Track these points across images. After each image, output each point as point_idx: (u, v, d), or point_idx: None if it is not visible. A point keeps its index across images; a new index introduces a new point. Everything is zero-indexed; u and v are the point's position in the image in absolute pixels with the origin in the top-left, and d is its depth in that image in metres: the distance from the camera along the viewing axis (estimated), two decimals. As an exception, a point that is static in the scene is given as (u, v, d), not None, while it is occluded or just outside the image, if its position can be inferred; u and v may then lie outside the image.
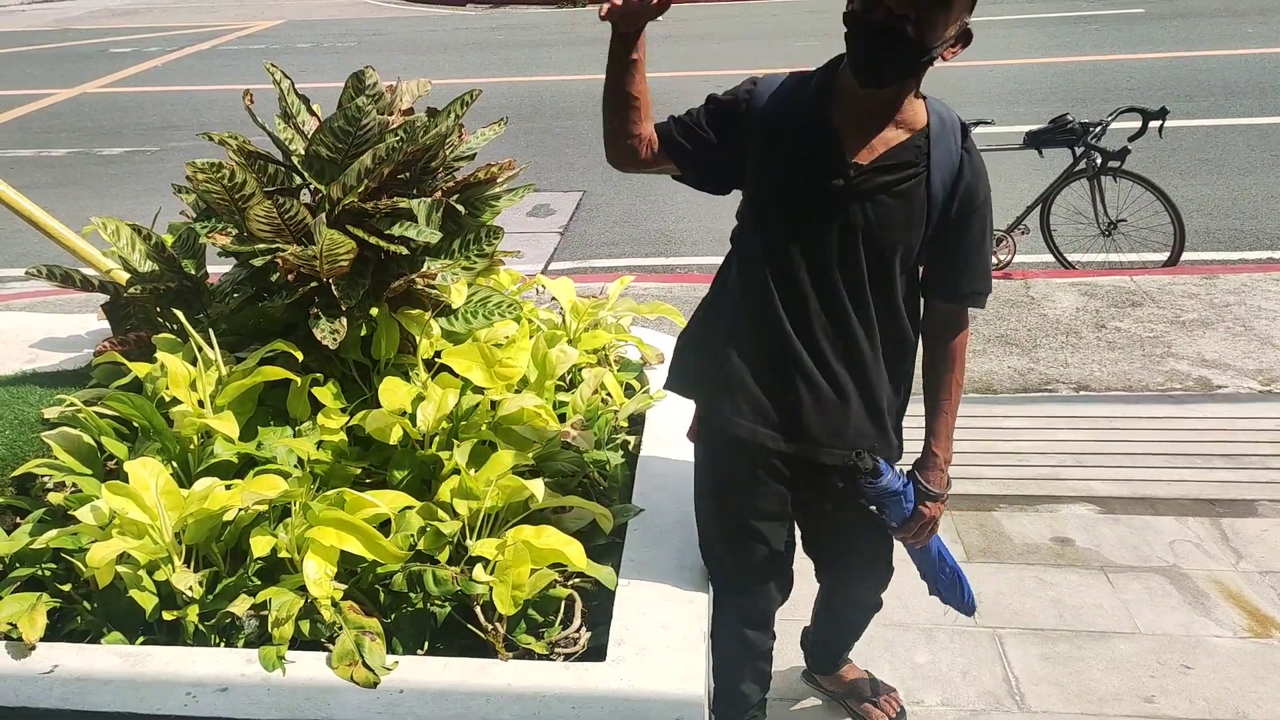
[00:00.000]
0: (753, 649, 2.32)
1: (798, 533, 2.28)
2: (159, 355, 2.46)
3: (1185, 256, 5.61)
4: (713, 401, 2.11)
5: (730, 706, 2.41)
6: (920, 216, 1.91)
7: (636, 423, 2.84)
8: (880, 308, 1.99)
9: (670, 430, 2.75)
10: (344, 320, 2.48)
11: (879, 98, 1.85)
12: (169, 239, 2.86)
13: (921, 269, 2.04)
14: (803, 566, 2.48)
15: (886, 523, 2.13)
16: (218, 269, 2.72)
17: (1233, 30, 12.70)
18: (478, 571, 2.07)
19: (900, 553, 2.30)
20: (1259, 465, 3.67)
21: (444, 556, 2.15)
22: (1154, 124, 5.36)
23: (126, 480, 2.09)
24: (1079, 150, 5.51)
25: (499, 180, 2.81)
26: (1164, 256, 5.63)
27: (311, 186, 2.62)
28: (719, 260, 2.17)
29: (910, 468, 2.13)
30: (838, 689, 2.68)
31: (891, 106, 1.87)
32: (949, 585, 2.29)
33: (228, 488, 2.15)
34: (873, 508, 2.10)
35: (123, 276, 2.91)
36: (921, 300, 2.08)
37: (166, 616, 2.03)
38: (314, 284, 2.47)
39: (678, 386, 2.23)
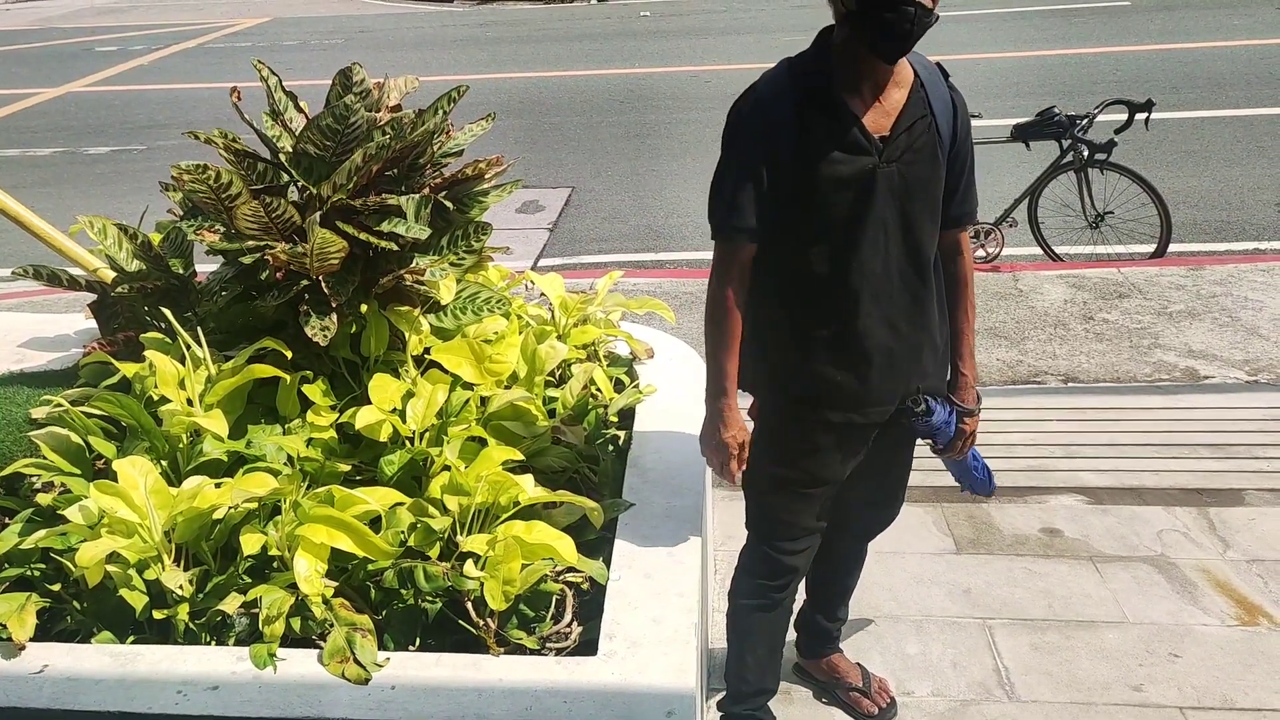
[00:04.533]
0: (772, 617, 2.41)
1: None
2: (147, 354, 2.46)
3: (1172, 248, 5.63)
4: (794, 396, 2.15)
5: (735, 687, 2.49)
6: (940, 160, 2.01)
7: (626, 417, 2.85)
8: (930, 255, 2.08)
9: (660, 425, 2.75)
10: (334, 317, 2.47)
11: (885, 66, 1.92)
12: (156, 238, 2.85)
13: None
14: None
15: (934, 445, 2.28)
16: (206, 268, 2.71)
17: (1219, 22, 12.75)
18: (468, 567, 2.07)
19: (895, 541, 2.32)
20: (1246, 455, 3.69)
21: (435, 552, 2.16)
22: (1140, 116, 5.37)
23: (115, 479, 2.09)
24: (1066, 143, 5.52)
25: (487, 176, 2.81)
26: (1151, 248, 5.65)
27: (299, 184, 2.61)
28: (707, 255, 2.18)
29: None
30: (829, 679, 2.69)
31: (891, 70, 1.94)
32: (980, 483, 2.44)
33: (217, 486, 2.14)
34: (925, 441, 2.27)
35: (110, 275, 2.90)
36: None
37: (157, 615, 2.03)
38: (304, 281, 2.47)
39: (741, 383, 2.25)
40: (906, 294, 2.07)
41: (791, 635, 2.69)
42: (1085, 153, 5.49)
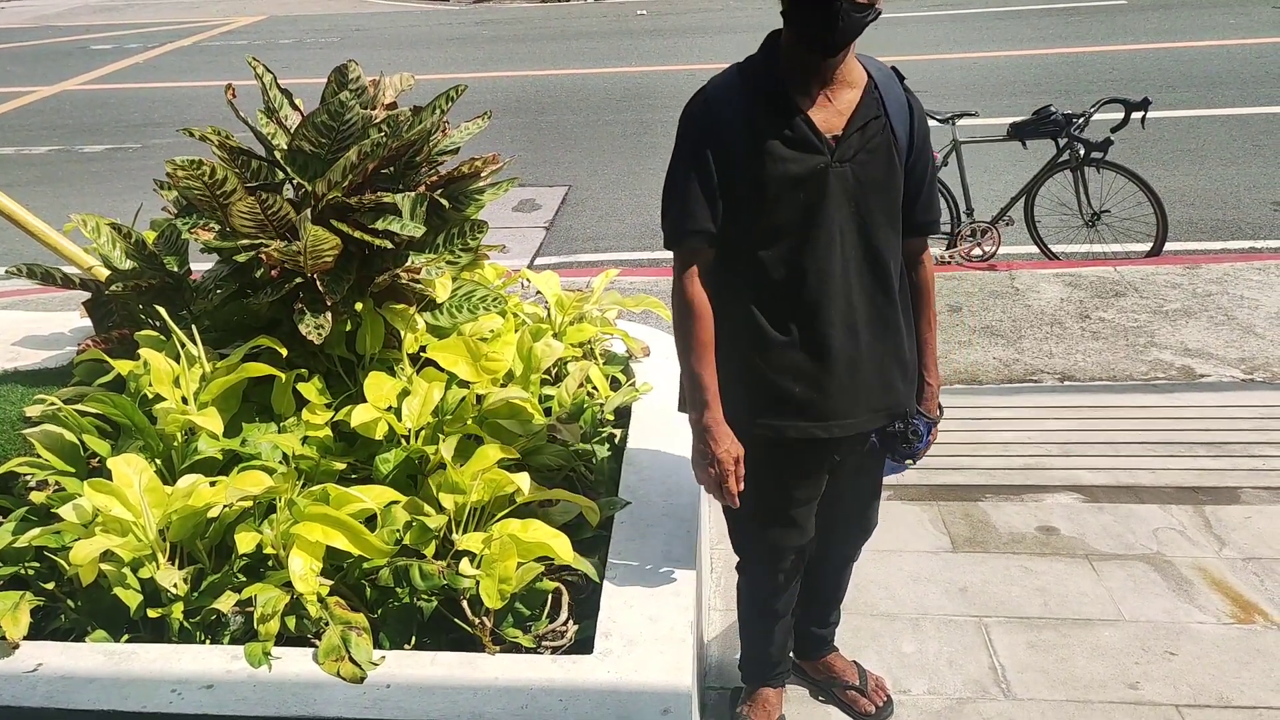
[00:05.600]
0: (777, 614, 2.43)
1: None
2: (142, 352, 2.45)
3: (1168, 246, 5.64)
4: (754, 408, 2.09)
5: (758, 664, 2.55)
6: (896, 163, 1.97)
7: (623, 415, 2.84)
8: (890, 261, 2.04)
9: (656, 423, 2.75)
10: (329, 315, 2.47)
11: (830, 62, 1.89)
12: (150, 236, 2.84)
13: None
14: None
15: (893, 456, 2.21)
16: (201, 266, 2.70)
17: (1214, 21, 12.76)
18: (464, 565, 2.07)
19: (892, 539, 2.32)
20: (1242, 453, 3.69)
21: (430, 551, 2.15)
22: (1136, 115, 5.37)
23: (110, 478, 2.08)
24: (1062, 141, 5.52)
25: (483, 174, 2.80)
26: (1147, 247, 5.65)
27: (294, 181, 2.61)
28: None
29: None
30: (826, 677, 2.69)
31: (840, 68, 1.92)
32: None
33: (212, 484, 2.14)
34: (907, 461, 2.21)
35: (104, 274, 2.90)
36: None
37: (151, 614, 2.03)
38: (298, 279, 2.46)
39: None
40: (867, 300, 2.02)
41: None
42: (1081, 151, 5.49)
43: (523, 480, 2.18)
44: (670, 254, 2.11)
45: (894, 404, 2.12)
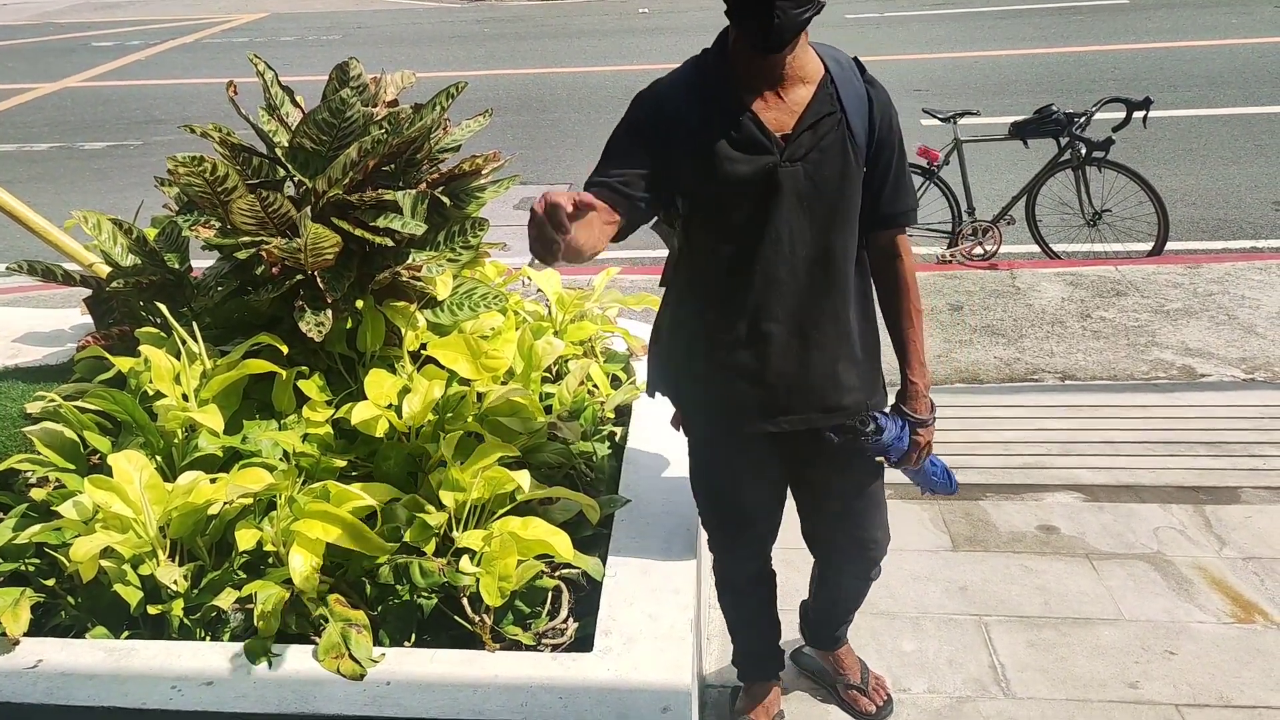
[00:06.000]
0: (743, 594, 2.45)
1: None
2: (142, 349, 2.45)
3: (1169, 246, 5.64)
4: (704, 402, 2.11)
5: (747, 658, 2.57)
6: (852, 159, 1.92)
7: (623, 413, 2.84)
8: (844, 260, 1.99)
9: (656, 421, 2.75)
10: (329, 313, 2.47)
11: (777, 60, 1.86)
12: (152, 233, 2.84)
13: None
14: (794, 556, 2.49)
15: (887, 460, 2.18)
16: (202, 263, 2.70)
17: (1216, 21, 12.75)
18: (464, 563, 2.07)
19: (892, 538, 2.32)
20: (1242, 453, 3.69)
21: (430, 548, 2.15)
22: (1138, 114, 5.37)
23: (110, 475, 2.09)
24: (1064, 141, 5.52)
25: (484, 172, 2.80)
26: (1148, 246, 5.65)
27: (295, 179, 2.61)
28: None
29: (894, 402, 2.17)
30: (833, 669, 2.68)
31: (791, 64, 1.87)
32: (941, 485, 2.32)
33: (212, 481, 2.14)
34: (878, 458, 2.17)
35: (105, 270, 2.90)
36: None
37: (151, 611, 2.03)
38: (299, 277, 2.46)
39: (662, 390, 2.24)
40: (818, 299, 1.99)
41: (792, 629, 2.70)
42: (1083, 150, 5.49)
43: (523, 478, 2.18)
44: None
45: (851, 403, 2.09)
